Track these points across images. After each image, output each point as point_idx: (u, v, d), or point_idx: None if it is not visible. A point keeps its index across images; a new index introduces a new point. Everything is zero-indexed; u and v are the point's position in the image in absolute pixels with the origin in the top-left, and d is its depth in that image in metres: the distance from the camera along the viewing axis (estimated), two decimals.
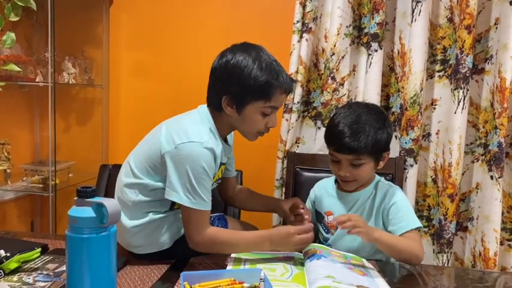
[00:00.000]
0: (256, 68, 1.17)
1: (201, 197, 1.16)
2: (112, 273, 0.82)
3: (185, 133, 1.17)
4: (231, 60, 1.20)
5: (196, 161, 1.15)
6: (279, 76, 1.19)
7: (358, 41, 1.95)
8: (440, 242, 1.87)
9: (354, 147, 1.26)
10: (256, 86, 1.18)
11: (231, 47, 1.24)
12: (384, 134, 1.30)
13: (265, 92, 1.19)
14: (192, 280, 0.97)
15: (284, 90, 1.22)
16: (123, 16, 2.27)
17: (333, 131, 1.32)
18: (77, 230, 0.78)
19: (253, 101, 1.20)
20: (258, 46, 1.24)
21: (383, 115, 1.34)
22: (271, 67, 1.19)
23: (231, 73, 1.20)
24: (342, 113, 1.33)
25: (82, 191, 0.79)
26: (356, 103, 1.42)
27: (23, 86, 2.03)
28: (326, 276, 1.06)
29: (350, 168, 1.31)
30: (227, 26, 2.19)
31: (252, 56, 1.19)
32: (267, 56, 1.21)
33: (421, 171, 1.94)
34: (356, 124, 1.28)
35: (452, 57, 1.86)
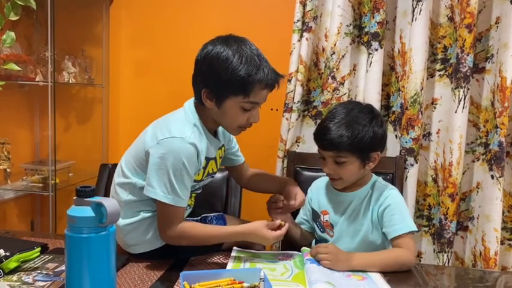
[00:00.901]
0: (235, 62, 1.14)
1: (177, 193, 1.16)
2: (112, 273, 0.82)
3: (168, 130, 1.18)
4: (210, 52, 1.17)
5: (177, 156, 1.14)
6: (260, 71, 1.15)
7: (358, 40, 1.95)
8: (441, 242, 1.87)
9: (334, 143, 1.27)
10: (234, 80, 1.14)
11: (213, 39, 1.21)
12: (369, 132, 1.28)
13: (244, 87, 1.15)
14: (192, 280, 0.97)
15: (265, 85, 1.18)
16: (123, 15, 2.27)
17: (319, 127, 1.34)
18: (76, 229, 0.77)
19: (231, 95, 1.17)
20: (241, 39, 1.21)
21: (373, 114, 1.32)
22: (251, 61, 1.14)
23: (210, 65, 1.17)
24: (334, 110, 1.34)
25: (81, 191, 0.79)
26: (353, 101, 1.43)
27: (23, 86, 2.03)
28: (327, 282, 1.06)
29: (334, 166, 1.31)
30: (227, 25, 2.18)
31: (232, 48, 1.15)
32: (249, 49, 1.17)
33: (422, 170, 1.94)
34: (342, 121, 1.28)
35: (452, 56, 1.86)
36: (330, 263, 1.18)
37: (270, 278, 1.11)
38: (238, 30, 2.17)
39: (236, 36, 1.21)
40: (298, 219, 1.49)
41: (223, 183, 1.78)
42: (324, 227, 1.40)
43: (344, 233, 1.35)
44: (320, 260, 1.20)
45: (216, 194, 1.77)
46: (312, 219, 1.45)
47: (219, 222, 1.37)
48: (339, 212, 1.37)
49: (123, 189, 1.25)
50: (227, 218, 1.42)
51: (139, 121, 2.22)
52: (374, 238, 1.35)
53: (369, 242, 1.35)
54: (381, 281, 1.15)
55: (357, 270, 1.19)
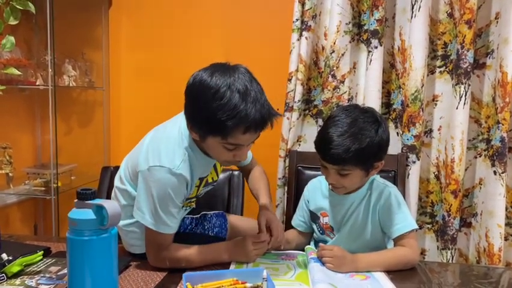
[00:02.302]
0: (214, 103, 1.03)
1: (164, 222, 1.15)
2: (114, 275, 0.82)
3: (158, 155, 1.14)
4: (193, 86, 1.09)
5: (163, 186, 1.13)
6: (239, 114, 1.02)
7: (358, 38, 1.95)
8: (444, 239, 1.86)
9: (338, 158, 1.20)
10: (210, 121, 1.05)
11: (203, 69, 1.10)
12: (376, 144, 1.22)
13: (220, 130, 1.06)
14: (194, 281, 0.97)
15: (246, 129, 1.05)
16: (123, 18, 2.27)
17: (322, 137, 1.26)
18: (77, 232, 0.77)
19: (210, 135, 1.09)
20: (232, 71, 1.07)
21: (378, 123, 1.25)
22: (232, 102, 1.02)
23: (191, 100, 1.11)
24: (336, 117, 1.26)
25: (82, 193, 0.79)
26: (354, 107, 1.30)
27: (24, 90, 2.03)
28: (330, 283, 1.06)
29: (337, 177, 1.26)
30: (227, 26, 2.19)
31: (215, 84, 1.04)
32: (235, 86, 1.04)
33: (424, 167, 1.94)
34: (346, 133, 1.21)
35: (452, 53, 1.86)
36: (334, 266, 1.18)
37: (273, 278, 1.11)
38: (238, 31, 2.20)
39: (227, 68, 1.09)
40: (296, 222, 1.47)
41: (224, 184, 1.78)
42: (324, 229, 1.38)
43: (344, 235, 1.34)
44: (324, 263, 1.20)
45: (218, 195, 1.76)
46: (311, 220, 1.43)
47: (219, 219, 1.37)
48: (340, 214, 1.35)
49: (120, 194, 1.27)
50: (228, 216, 1.41)
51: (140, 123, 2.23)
52: (375, 238, 1.34)
53: (370, 241, 1.34)
54: (384, 280, 1.14)
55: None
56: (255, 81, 1.09)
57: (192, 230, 1.31)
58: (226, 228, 1.37)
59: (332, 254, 1.20)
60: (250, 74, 1.10)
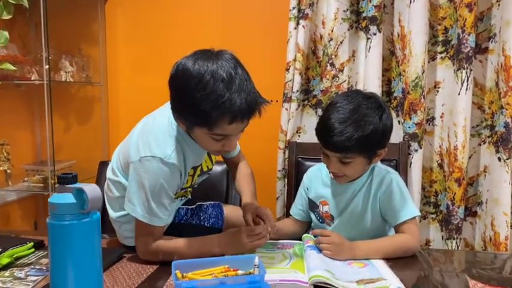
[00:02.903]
0: (198, 92, 0.99)
1: (155, 214, 1.12)
2: (97, 261, 0.80)
3: (149, 145, 1.11)
4: (175, 76, 1.04)
5: (155, 177, 1.10)
6: (224, 104, 0.98)
7: (357, 26, 1.91)
8: (449, 228, 1.82)
9: (341, 146, 1.17)
10: (194, 112, 1.01)
11: (187, 56, 1.05)
12: (379, 131, 1.18)
13: (205, 121, 1.02)
14: (185, 269, 0.94)
15: (232, 119, 1.00)
16: (119, 12, 2.25)
17: (323, 124, 1.21)
18: (58, 217, 0.75)
19: (196, 126, 1.06)
20: (217, 57, 1.02)
21: (382, 109, 1.20)
22: (216, 91, 0.98)
23: (174, 90, 1.06)
24: (338, 103, 1.21)
25: (63, 177, 0.76)
26: (356, 92, 1.26)
27: (20, 85, 2.02)
28: (326, 270, 1.02)
29: (339, 165, 1.22)
30: (223, 17, 2.16)
31: (195, 75, 0.99)
32: (219, 73, 0.99)
33: (426, 156, 1.90)
34: (348, 119, 1.16)
35: (453, 38, 1.81)
36: (331, 253, 1.15)
37: (267, 266, 1.08)
38: (234, 21, 2.17)
39: (210, 55, 1.03)
40: (294, 211, 1.43)
41: (223, 176, 1.75)
42: (324, 217, 1.35)
43: (343, 222, 1.31)
44: (322, 250, 1.17)
45: (216, 187, 1.74)
46: (309, 209, 1.39)
47: (215, 210, 1.34)
48: (340, 203, 1.31)
49: (113, 186, 1.24)
50: (225, 207, 1.39)
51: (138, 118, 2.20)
52: (375, 225, 1.30)
53: (370, 229, 1.30)
54: (383, 267, 1.11)
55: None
56: (241, 67, 1.04)
57: (187, 220, 1.28)
58: (222, 219, 1.34)
59: (330, 240, 1.17)
60: (236, 60, 1.04)
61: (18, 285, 0.99)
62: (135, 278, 1.08)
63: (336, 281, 0.98)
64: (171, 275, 1.03)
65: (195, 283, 0.85)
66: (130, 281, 1.06)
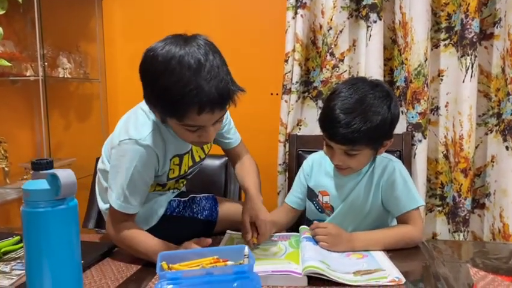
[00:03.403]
0: (164, 79, 0.93)
1: (127, 201, 1.08)
2: (74, 251, 0.76)
3: (127, 129, 1.08)
4: (144, 63, 0.99)
5: (130, 160, 1.06)
6: (191, 92, 0.91)
7: (357, 14, 1.86)
8: (456, 221, 1.76)
9: (348, 138, 1.10)
10: (162, 101, 0.97)
11: (157, 42, 0.99)
12: (387, 122, 1.12)
13: (173, 110, 0.97)
14: (172, 260, 0.90)
15: (200, 109, 0.94)
16: (116, 8, 2.23)
17: (328, 115, 1.13)
18: (31, 204, 0.72)
19: (166, 116, 1.01)
20: (185, 44, 0.96)
21: (389, 98, 1.14)
22: (182, 79, 0.92)
23: (143, 78, 1.00)
24: (342, 93, 1.14)
25: (37, 163, 0.73)
26: (361, 80, 1.18)
27: (16, 82, 2.00)
28: (321, 261, 0.98)
29: (344, 157, 1.15)
30: (221, 8, 2.13)
31: (162, 61, 0.94)
32: (184, 60, 0.93)
33: (431, 147, 1.84)
34: (355, 110, 1.10)
35: (457, 24, 1.75)
36: (328, 245, 1.10)
37: (261, 258, 1.05)
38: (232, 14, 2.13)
39: (181, 40, 0.97)
40: (291, 199, 1.36)
41: (221, 170, 1.72)
42: (323, 208, 1.30)
43: (344, 213, 1.25)
44: (318, 241, 1.12)
45: (215, 181, 1.70)
46: (308, 198, 1.34)
47: (209, 202, 1.30)
48: (342, 194, 1.25)
49: (102, 176, 1.21)
50: (220, 200, 1.34)
51: None
52: (377, 216, 1.25)
53: (371, 220, 1.25)
54: (382, 258, 1.06)
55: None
56: (214, 53, 0.96)
57: (180, 213, 1.24)
58: (216, 211, 1.29)
59: (326, 231, 1.12)
60: (209, 46, 0.98)
61: (2, 279, 0.96)
62: (124, 272, 1.04)
63: (331, 272, 0.94)
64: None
65: (180, 274, 0.81)
66: (119, 275, 1.03)
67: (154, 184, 1.19)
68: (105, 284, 0.98)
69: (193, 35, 1.00)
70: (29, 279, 0.74)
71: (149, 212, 1.20)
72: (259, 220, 1.12)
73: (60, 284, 0.74)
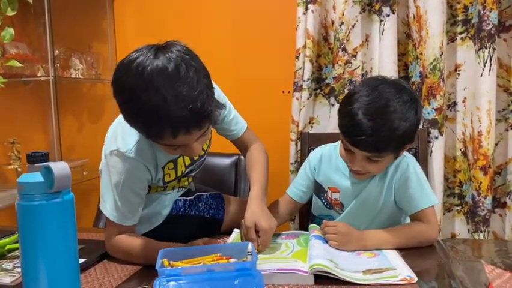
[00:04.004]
0: (133, 104, 0.87)
1: (122, 213, 1.05)
2: (70, 245, 0.74)
3: (116, 137, 1.05)
4: (112, 85, 0.90)
5: (118, 172, 1.03)
6: (161, 118, 0.85)
7: (370, 9, 1.81)
8: (475, 221, 1.69)
9: (375, 147, 1.05)
10: (135, 125, 0.93)
11: (123, 60, 0.91)
12: (413, 127, 1.07)
13: (148, 135, 0.94)
14: (173, 257, 0.88)
15: (174, 131, 0.87)
16: (127, 8, 2.23)
17: (351, 120, 1.05)
18: (26, 197, 0.70)
19: (144, 136, 0.97)
20: (154, 61, 0.85)
21: (416, 101, 1.07)
22: (151, 102, 0.84)
23: (114, 95, 0.91)
24: (364, 96, 1.05)
25: (32, 156, 0.72)
26: (383, 82, 1.09)
27: (28, 83, 2.01)
28: (329, 259, 0.94)
29: (364, 163, 1.09)
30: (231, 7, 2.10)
31: (128, 87, 0.86)
32: (152, 83, 0.84)
33: (449, 144, 1.77)
34: (381, 116, 1.02)
35: (474, 16, 1.69)
36: (338, 244, 1.06)
37: (266, 257, 1.01)
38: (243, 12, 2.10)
39: (150, 56, 0.86)
40: (293, 191, 1.30)
41: (231, 169, 1.70)
42: (332, 204, 1.25)
43: (355, 211, 1.21)
44: (327, 240, 1.08)
45: (225, 179, 1.68)
46: (315, 193, 1.30)
47: (215, 200, 1.27)
48: (353, 191, 1.20)
49: None
50: (226, 199, 1.31)
51: None
52: (389, 214, 1.21)
53: (383, 218, 1.21)
54: (394, 257, 1.02)
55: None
56: (187, 65, 0.87)
57: (186, 211, 1.21)
58: (223, 209, 1.26)
59: (336, 230, 1.08)
60: (183, 56, 0.88)
61: (4, 276, 0.95)
62: (127, 270, 1.02)
63: (339, 271, 0.90)
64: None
65: (179, 270, 0.78)
66: (122, 273, 1.01)
67: (155, 186, 1.15)
68: (107, 281, 0.96)
69: (167, 43, 0.91)
70: (25, 275, 0.72)
71: (152, 212, 1.18)
72: (261, 229, 1.04)
73: (56, 279, 0.72)
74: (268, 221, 1.05)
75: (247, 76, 2.10)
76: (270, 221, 1.06)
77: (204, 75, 0.91)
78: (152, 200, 1.16)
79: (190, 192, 1.27)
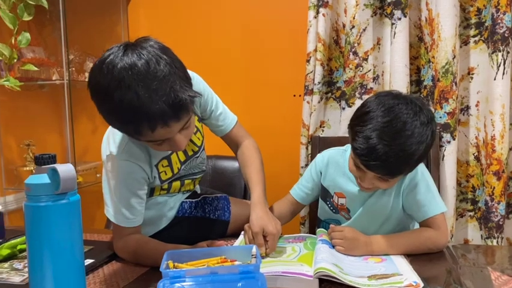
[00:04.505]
0: (106, 103, 0.88)
1: (123, 215, 1.07)
2: (76, 246, 0.75)
3: (108, 143, 1.07)
4: (88, 85, 0.93)
5: (116, 176, 1.05)
6: (136, 113, 0.86)
7: (381, 12, 1.80)
8: (488, 226, 1.66)
9: (390, 171, 1.03)
10: (113, 124, 0.94)
11: (99, 60, 0.90)
12: (429, 146, 1.04)
13: (127, 132, 0.95)
14: (178, 259, 0.88)
15: (151, 126, 0.87)
16: (141, 14, 2.26)
17: (365, 143, 1.00)
18: (33, 198, 0.72)
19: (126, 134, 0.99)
20: (125, 59, 0.86)
21: (433, 121, 1.03)
22: (124, 100, 0.85)
23: (92, 96, 0.92)
24: (379, 117, 1.00)
25: (39, 158, 0.73)
26: (399, 101, 1.02)
27: (43, 86, 2.06)
28: (334, 264, 0.94)
29: (375, 181, 1.07)
30: (243, 11, 2.12)
31: (102, 86, 0.87)
32: (124, 80, 0.85)
33: (462, 149, 1.75)
34: (397, 141, 0.98)
35: (487, 19, 1.67)
36: (344, 249, 1.06)
37: (273, 260, 1.01)
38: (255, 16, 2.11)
39: (122, 54, 0.87)
40: (297, 192, 1.30)
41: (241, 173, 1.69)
42: (339, 209, 1.25)
43: (364, 218, 1.20)
44: (334, 246, 1.08)
45: (234, 183, 1.68)
46: (321, 197, 1.29)
47: (221, 202, 1.28)
48: (360, 197, 1.19)
49: None
50: (233, 200, 1.31)
51: None
52: (398, 220, 1.19)
53: (392, 224, 1.20)
54: (402, 262, 1.01)
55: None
56: (157, 60, 0.87)
57: (191, 213, 1.22)
58: (229, 211, 1.27)
59: (342, 235, 1.07)
60: (153, 52, 0.88)
61: (14, 275, 0.97)
62: (135, 271, 1.04)
63: (343, 276, 0.90)
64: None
65: (183, 272, 0.79)
66: (130, 274, 1.02)
67: (158, 188, 1.16)
68: (115, 282, 0.97)
69: (137, 40, 0.92)
70: (31, 274, 0.74)
71: (158, 214, 1.19)
72: (269, 234, 1.05)
73: (62, 278, 0.73)
74: (275, 225, 1.06)
75: (258, 79, 2.11)
76: (277, 225, 1.07)
77: (177, 67, 0.91)
78: (157, 202, 1.18)
79: (196, 195, 1.28)
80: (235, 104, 1.40)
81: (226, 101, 1.32)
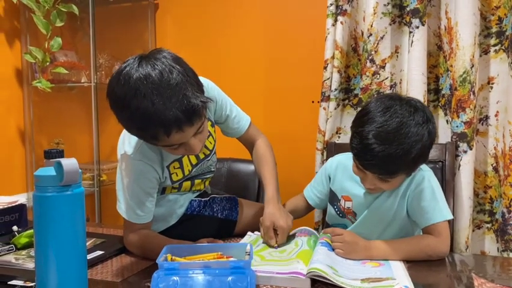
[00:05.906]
0: (124, 112, 0.95)
1: (136, 212, 1.13)
2: (79, 236, 0.81)
3: (123, 143, 1.14)
4: (107, 96, 0.98)
5: (129, 175, 1.12)
6: (152, 121, 0.92)
7: (400, 21, 1.81)
8: (505, 239, 1.62)
9: (386, 170, 1.06)
10: (130, 131, 1.02)
11: (115, 72, 0.98)
12: (426, 148, 1.06)
13: (143, 138, 1.02)
14: (177, 253, 0.93)
15: (167, 131, 0.93)
16: (168, 21, 2.35)
17: (361, 143, 1.04)
18: (40, 189, 0.78)
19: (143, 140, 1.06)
20: (139, 65, 0.93)
21: (430, 121, 1.06)
22: (140, 108, 0.91)
23: (111, 106, 0.98)
24: (376, 117, 1.04)
25: (48, 152, 0.80)
26: (396, 101, 1.06)
27: (73, 88, 2.17)
28: (328, 265, 0.96)
29: (376, 181, 1.10)
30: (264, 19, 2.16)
31: (119, 96, 0.93)
32: (139, 89, 0.90)
33: (480, 159, 1.72)
34: (393, 140, 1.01)
35: (508, 28, 1.64)
36: (343, 252, 1.08)
37: (274, 259, 1.04)
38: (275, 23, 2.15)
39: (137, 65, 0.93)
40: (309, 194, 1.34)
41: (255, 176, 1.73)
42: (345, 213, 1.27)
43: (368, 221, 1.21)
44: (334, 249, 1.10)
45: (249, 186, 1.72)
46: (329, 201, 1.31)
47: (229, 202, 1.32)
48: (366, 201, 1.21)
49: None
50: (241, 202, 1.35)
51: None
52: (401, 225, 1.20)
53: (395, 229, 1.20)
54: (399, 268, 1.02)
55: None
56: (170, 70, 0.92)
57: (200, 212, 1.27)
58: (237, 211, 1.31)
59: (342, 239, 1.09)
60: (165, 62, 0.93)
61: (29, 262, 1.04)
62: (141, 264, 1.09)
63: (337, 278, 0.92)
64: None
65: (177, 264, 0.84)
66: (136, 266, 1.08)
67: (169, 187, 1.23)
68: (120, 273, 1.03)
69: (151, 52, 0.98)
70: (37, 260, 0.80)
71: (168, 211, 1.24)
72: (279, 228, 1.14)
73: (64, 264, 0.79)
74: (285, 220, 1.15)
75: (278, 86, 2.14)
76: (287, 219, 1.15)
77: (189, 75, 0.96)
78: (168, 200, 1.23)
79: (206, 194, 1.33)
80: (255, 109, 1.44)
81: (247, 106, 1.38)
